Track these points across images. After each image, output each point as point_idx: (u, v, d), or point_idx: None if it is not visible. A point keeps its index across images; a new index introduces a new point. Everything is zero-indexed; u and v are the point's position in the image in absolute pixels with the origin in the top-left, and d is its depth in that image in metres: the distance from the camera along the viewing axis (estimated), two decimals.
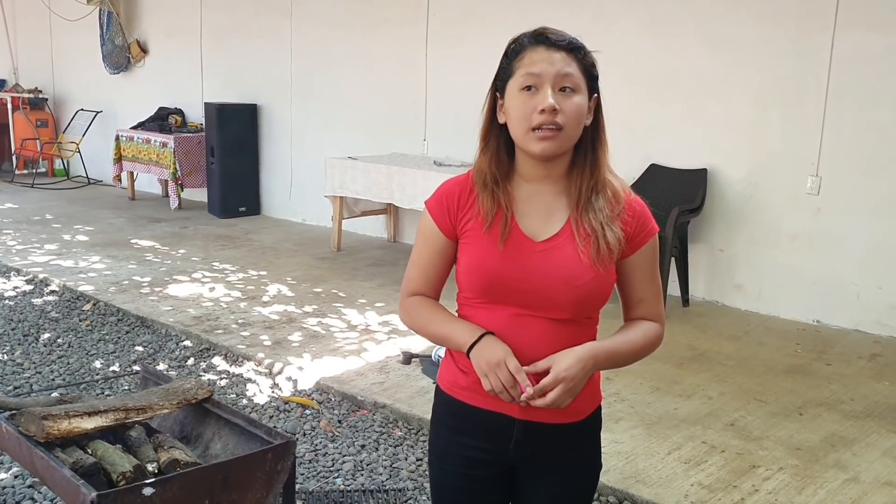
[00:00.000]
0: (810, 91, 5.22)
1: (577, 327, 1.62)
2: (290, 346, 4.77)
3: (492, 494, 1.74)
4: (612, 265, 1.60)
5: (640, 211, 1.64)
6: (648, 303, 1.68)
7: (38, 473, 1.86)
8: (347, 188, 6.93)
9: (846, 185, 5.19)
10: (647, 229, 1.64)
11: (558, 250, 1.58)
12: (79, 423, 1.82)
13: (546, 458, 1.68)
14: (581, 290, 1.57)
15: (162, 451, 1.87)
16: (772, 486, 3.24)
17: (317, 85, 8.14)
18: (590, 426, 1.72)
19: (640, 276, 1.65)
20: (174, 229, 8.06)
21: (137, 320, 5.29)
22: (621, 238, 1.59)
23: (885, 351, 4.86)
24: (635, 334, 1.66)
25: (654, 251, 1.67)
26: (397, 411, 3.93)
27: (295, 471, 1.88)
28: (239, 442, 1.97)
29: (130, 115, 9.92)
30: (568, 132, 1.55)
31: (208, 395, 2.09)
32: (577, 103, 1.54)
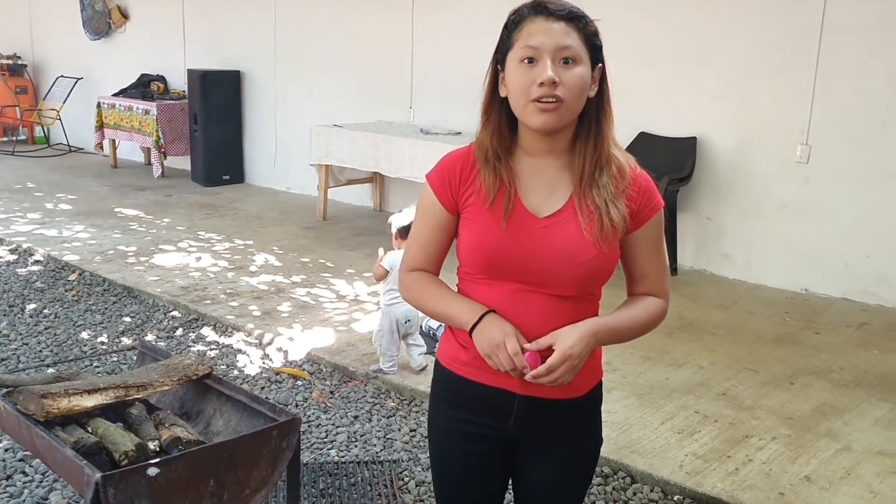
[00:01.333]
0: (801, 59, 5.20)
1: (580, 304, 1.60)
2: (280, 317, 4.74)
3: (493, 470, 1.73)
4: (615, 243, 1.57)
5: (645, 186, 1.60)
6: (653, 278, 1.66)
7: (38, 453, 1.82)
8: (333, 156, 6.86)
9: (835, 154, 5.20)
10: (652, 204, 1.60)
11: (561, 227, 1.56)
12: (79, 401, 1.79)
13: (547, 433, 1.67)
14: (584, 268, 1.55)
15: (163, 429, 1.84)
16: (765, 455, 3.26)
17: (301, 51, 8.02)
18: (591, 401, 1.70)
19: (645, 251, 1.63)
20: (158, 198, 7.96)
21: (124, 290, 5.24)
22: (626, 215, 1.56)
23: (872, 319, 4.90)
24: (638, 310, 1.65)
25: (660, 226, 1.64)
26: (389, 382, 3.92)
27: (300, 448, 1.86)
28: (242, 419, 1.95)
29: (112, 82, 9.74)
30: (569, 104, 1.51)
31: (209, 371, 2.06)
32: (577, 75, 1.50)
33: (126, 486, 1.60)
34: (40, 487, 2.98)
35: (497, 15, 5.97)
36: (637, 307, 1.65)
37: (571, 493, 1.76)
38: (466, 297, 1.63)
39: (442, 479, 1.78)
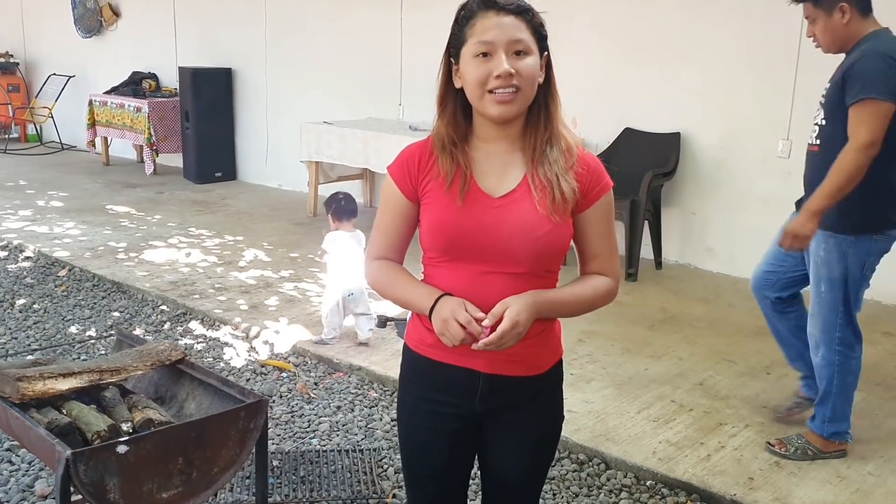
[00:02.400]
0: (782, 55, 5.25)
1: (538, 281, 1.66)
2: (267, 311, 4.80)
3: (460, 448, 1.80)
4: (567, 216, 1.65)
5: (593, 165, 1.68)
6: (603, 258, 1.72)
7: (13, 434, 1.88)
8: (323, 153, 6.92)
9: None
10: (601, 184, 1.68)
11: (515, 204, 1.64)
12: (53, 385, 1.85)
13: (510, 410, 1.74)
14: (539, 242, 1.62)
15: (136, 411, 1.90)
16: (738, 442, 3.33)
17: (291, 49, 8.08)
18: (551, 379, 1.78)
19: (595, 230, 1.70)
20: (149, 195, 8.01)
21: (113, 286, 5.29)
22: (576, 188, 1.64)
23: None
24: (583, 287, 1.72)
25: (609, 207, 1.71)
26: (372, 373, 3.98)
27: (267, 429, 1.93)
28: (213, 402, 2.01)
29: (103, 80, 9.80)
30: (524, 93, 1.60)
31: (182, 356, 2.12)
32: (529, 65, 1.59)
33: (96, 462, 1.66)
34: (26, 476, 3.05)
35: None
36: (584, 284, 1.73)
37: (534, 468, 1.83)
38: (425, 284, 1.70)
39: (411, 457, 1.84)
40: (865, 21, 3.04)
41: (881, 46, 2.94)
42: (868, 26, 3.05)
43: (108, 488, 1.68)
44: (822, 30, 3.11)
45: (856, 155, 2.88)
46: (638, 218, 5.38)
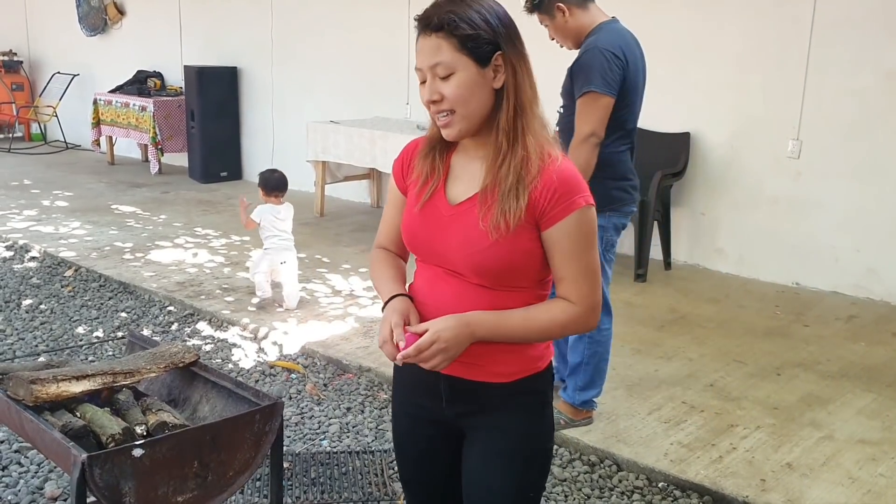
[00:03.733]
0: (792, 55, 5.24)
1: (499, 295, 1.59)
2: (275, 312, 4.79)
3: (441, 454, 1.77)
4: (517, 235, 1.54)
5: (558, 182, 1.54)
6: (568, 282, 1.59)
7: (27, 437, 1.87)
8: (330, 153, 6.91)
9: (826, 150, 5.24)
10: (565, 203, 1.54)
11: (463, 216, 1.59)
12: (67, 387, 1.83)
13: (476, 417, 1.67)
14: (478, 257, 1.56)
15: (150, 414, 1.89)
16: (749, 444, 3.31)
17: (298, 48, 8.07)
18: (518, 392, 1.66)
19: (560, 252, 1.57)
20: (155, 194, 8.01)
21: (120, 286, 5.28)
22: (522, 208, 1.52)
23: (861, 313, 4.94)
24: (538, 311, 1.60)
25: (579, 227, 1.56)
26: (382, 375, 3.96)
27: (282, 432, 1.91)
28: (227, 404, 1.99)
29: (108, 79, 9.79)
30: (462, 113, 1.54)
31: (195, 358, 2.11)
32: (454, 85, 1.52)
33: (112, 466, 1.65)
34: (36, 478, 3.04)
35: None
36: (539, 308, 1.61)
37: (504, 485, 1.68)
38: (396, 281, 1.71)
39: (399, 460, 1.85)
40: (588, 13, 3.25)
41: (602, 41, 3.15)
42: (594, 18, 3.25)
43: (123, 492, 1.66)
44: (554, 32, 3.31)
45: (579, 147, 3.09)
46: (647, 218, 5.36)
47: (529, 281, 1.61)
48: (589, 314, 1.61)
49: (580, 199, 1.55)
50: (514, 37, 1.57)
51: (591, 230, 1.58)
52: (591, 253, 1.59)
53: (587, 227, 1.57)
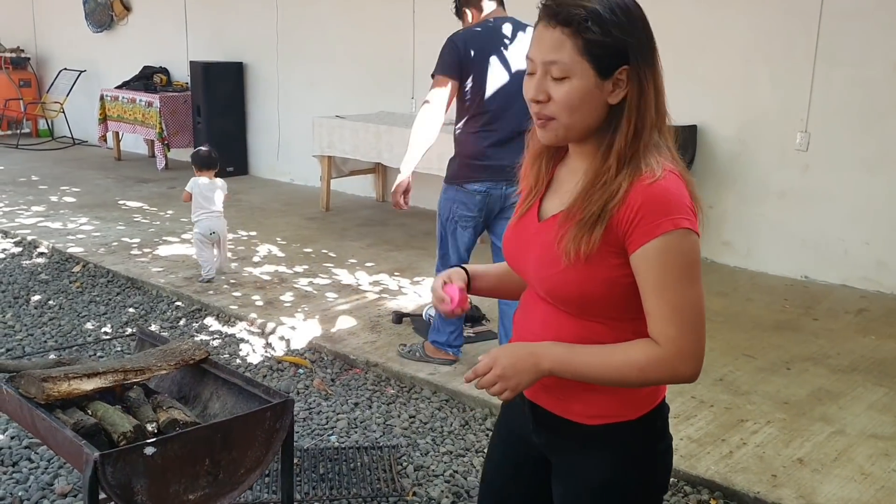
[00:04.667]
0: (800, 47, 5.20)
1: (590, 325, 1.43)
2: (282, 307, 4.79)
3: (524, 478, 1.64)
4: (594, 263, 1.37)
5: (642, 201, 1.34)
6: (654, 319, 1.37)
7: (39, 435, 1.87)
8: (335, 148, 6.90)
9: (835, 142, 5.21)
10: (647, 226, 1.33)
11: (545, 233, 1.46)
12: (78, 385, 1.83)
13: (561, 455, 1.54)
14: (550, 281, 1.43)
15: (161, 412, 1.89)
16: (759, 439, 3.30)
17: (303, 42, 8.06)
18: (602, 437, 1.48)
19: (643, 282, 1.37)
20: (161, 190, 8.01)
21: (128, 281, 5.29)
22: (598, 237, 1.36)
23: (871, 306, 4.92)
24: (616, 349, 1.40)
25: (662, 255, 1.34)
26: (389, 370, 3.96)
27: (293, 429, 1.91)
28: (237, 401, 1.99)
29: (115, 75, 9.80)
30: (562, 122, 1.38)
31: (205, 355, 2.11)
32: (566, 91, 1.36)
33: (124, 464, 1.65)
34: (46, 474, 3.04)
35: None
36: (620, 346, 1.41)
37: None
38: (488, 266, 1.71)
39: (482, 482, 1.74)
40: (481, 14, 3.70)
41: (460, 32, 3.66)
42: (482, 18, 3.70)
43: (135, 490, 1.66)
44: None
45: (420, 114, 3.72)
46: None
47: (620, 312, 1.42)
48: (676, 360, 1.36)
49: (666, 222, 1.33)
50: (649, 48, 1.39)
51: (682, 259, 1.34)
52: (681, 287, 1.35)
53: (676, 256, 1.34)
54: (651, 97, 1.38)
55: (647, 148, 1.38)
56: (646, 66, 1.37)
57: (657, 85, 1.40)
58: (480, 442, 3.36)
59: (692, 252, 1.36)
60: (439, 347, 3.97)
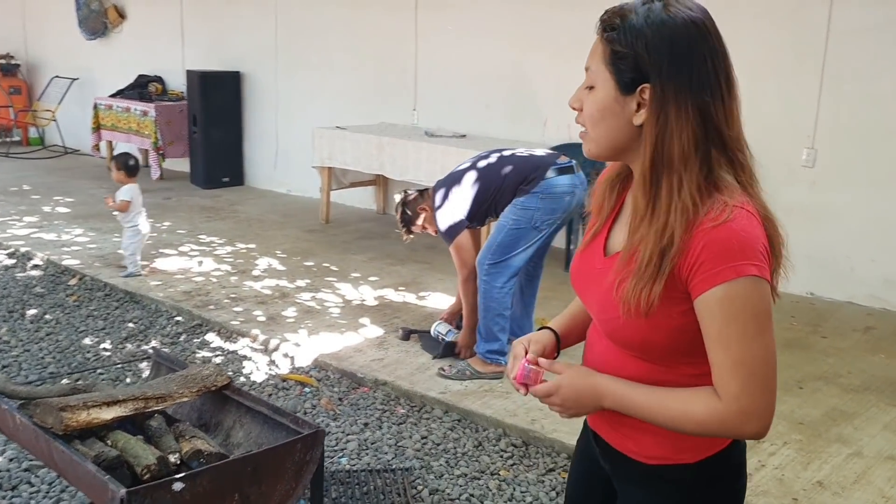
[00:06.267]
0: (807, 63, 5.18)
1: (653, 366, 1.37)
2: (285, 322, 4.70)
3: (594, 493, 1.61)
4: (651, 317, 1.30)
5: (703, 246, 1.24)
6: (717, 372, 1.28)
7: (57, 468, 1.79)
8: (336, 159, 6.83)
9: (842, 158, 5.18)
10: (707, 273, 1.24)
11: (605, 274, 1.38)
12: (98, 414, 1.75)
13: (621, 484, 1.51)
14: (610, 325, 1.38)
15: (184, 441, 1.81)
16: (777, 461, 3.25)
17: (303, 52, 7.99)
18: (655, 476, 1.43)
19: (705, 333, 1.28)
20: (157, 200, 7.89)
21: (126, 295, 5.19)
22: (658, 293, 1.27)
23: (878, 324, 4.89)
24: (676, 396, 1.33)
25: (723, 304, 1.24)
26: (399, 388, 3.89)
27: (323, 461, 1.83)
28: (263, 430, 1.92)
29: (108, 83, 9.68)
30: (591, 135, 1.34)
31: (227, 381, 2.03)
32: (591, 100, 1.32)
33: (151, 501, 1.57)
34: (47, 498, 2.93)
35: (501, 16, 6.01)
36: (680, 394, 1.33)
37: None
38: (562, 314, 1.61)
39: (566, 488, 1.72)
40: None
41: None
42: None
43: None
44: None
45: None
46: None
47: (684, 357, 1.35)
48: (737, 419, 1.27)
49: (728, 270, 1.23)
50: (689, 66, 1.27)
51: (746, 310, 1.24)
52: (745, 340, 1.25)
53: (740, 307, 1.23)
54: (684, 124, 1.26)
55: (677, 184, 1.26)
56: (680, 88, 1.26)
57: (707, 111, 1.27)
58: (495, 464, 3.29)
59: (760, 302, 1.24)
60: (491, 359, 3.95)
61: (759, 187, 1.36)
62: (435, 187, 4.15)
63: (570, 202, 3.93)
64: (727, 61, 1.31)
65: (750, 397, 1.25)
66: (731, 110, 1.30)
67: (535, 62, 6.37)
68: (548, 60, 6.28)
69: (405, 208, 4.21)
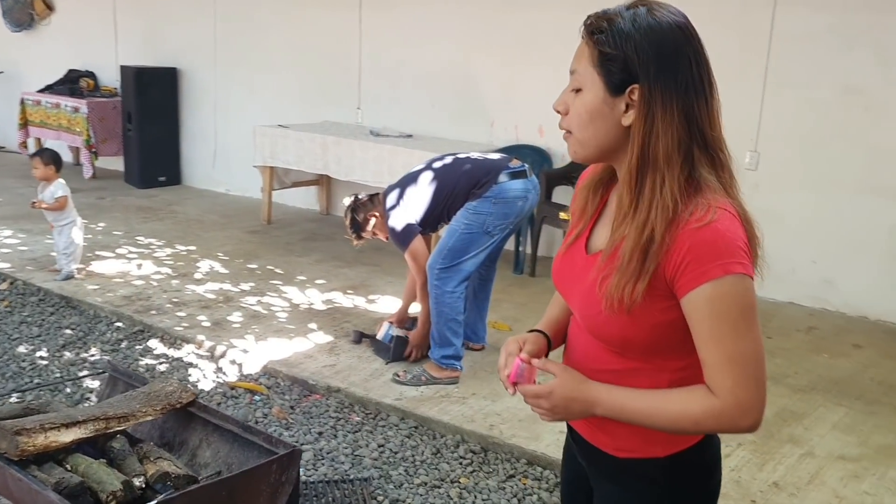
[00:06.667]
0: (751, 67, 5.27)
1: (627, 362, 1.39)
2: (231, 328, 4.57)
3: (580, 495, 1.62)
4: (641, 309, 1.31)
5: (689, 246, 1.26)
6: (709, 369, 1.30)
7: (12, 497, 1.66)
8: (279, 158, 6.68)
9: (783, 162, 5.29)
10: (694, 272, 1.26)
11: (588, 271, 1.40)
12: (56, 437, 1.64)
13: (597, 481, 1.53)
14: (591, 321, 1.39)
15: (148, 463, 1.71)
16: (734, 462, 3.28)
17: (242, 48, 7.79)
18: (627, 470, 1.46)
19: (695, 331, 1.30)
20: (90, 200, 7.61)
21: (62, 300, 4.98)
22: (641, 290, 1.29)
23: (820, 324, 5.00)
24: (672, 398, 1.34)
25: (712, 302, 1.26)
26: (353, 395, 3.81)
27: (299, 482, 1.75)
28: (232, 450, 1.83)
29: (36, 78, 9.29)
30: (577, 137, 1.35)
31: (193, 398, 1.93)
32: (579, 103, 1.33)
33: None
34: None
35: (447, 16, 5.96)
36: (676, 395, 1.35)
37: None
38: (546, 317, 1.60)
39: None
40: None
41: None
42: None
43: None
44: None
45: None
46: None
47: (662, 353, 1.37)
48: (734, 413, 1.29)
49: (714, 268, 1.25)
50: (674, 68, 1.29)
51: (734, 307, 1.26)
52: (735, 336, 1.27)
53: (728, 303, 1.26)
54: (669, 125, 1.29)
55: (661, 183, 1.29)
56: (666, 89, 1.29)
57: (691, 112, 1.30)
58: (455, 471, 3.24)
59: (745, 298, 1.27)
60: (446, 364, 3.90)
61: (738, 188, 1.40)
62: (386, 192, 4.08)
63: (522, 207, 3.91)
64: (708, 64, 1.35)
65: (744, 391, 1.28)
66: (713, 111, 1.34)
67: (482, 63, 6.34)
68: (494, 61, 6.26)
69: (354, 214, 4.12)
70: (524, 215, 4.00)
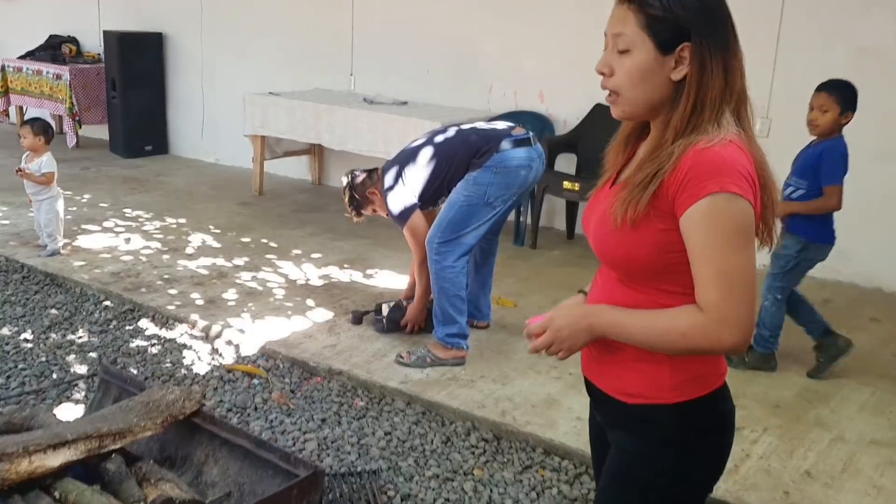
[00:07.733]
0: (762, 32, 5.07)
1: (634, 291, 1.48)
2: (226, 306, 4.37)
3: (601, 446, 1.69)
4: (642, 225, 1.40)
5: (690, 164, 1.35)
6: (699, 285, 1.37)
7: None
8: (270, 127, 6.42)
9: (796, 128, 5.07)
10: (693, 188, 1.34)
11: (606, 199, 1.51)
12: (42, 461, 1.44)
13: (611, 430, 1.61)
14: (600, 241, 1.50)
15: (149, 486, 1.52)
16: (761, 450, 3.12)
17: (230, 13, 7.49)
18: (638, 416, 1.52)
19: (689, 247, 1.38)
20: (75, 171, 7.34)
21: (47, 278, 4.76)
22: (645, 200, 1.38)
23: (834, 296, 4.85)
24: (664, 314, 1.43)
25: (707, 217, 1.34)
26: (356, 378, 3.63)
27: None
28: (243, 468, 1.63)
29: (17, 44, 8.93)
30: (626, 97, 1.44)
31: (198, 407, 1.73)
32: (628, 65, 1.42)
33: None
34: None
35: None
36: (667, 311, 1.42)
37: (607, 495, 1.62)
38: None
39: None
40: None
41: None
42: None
43: None
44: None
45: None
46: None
47: (667, 283, 1.44)
48: (718, 327, 1.35)
49: (712, 184, 1.33)
50: (715, 25, 1.41)
51: (728, 223, 1.33)
52: (726, 251, 1.34)
53: (722, 219, 1.33)
54: (716, 77, 1.40)
55: (706, 124, 1.40)
56: (711, 45, 1.40)
57: (724, 62, 1.41)
58: (468, 462, 3.07)
59: (740, 217, 1.35)
60: (451, 343, 3.73)
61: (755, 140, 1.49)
62: (384, 168, 3.87)
63: (526, 176, 3.70)
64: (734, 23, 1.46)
65: (729, 307, 1.35)
66: (742, 66, 1.47)
67: (479, 26, 6.08)
68: (491, 23, 6.01)
69: (353, 192, 3.92)
70: (528, 186, 3.80)
